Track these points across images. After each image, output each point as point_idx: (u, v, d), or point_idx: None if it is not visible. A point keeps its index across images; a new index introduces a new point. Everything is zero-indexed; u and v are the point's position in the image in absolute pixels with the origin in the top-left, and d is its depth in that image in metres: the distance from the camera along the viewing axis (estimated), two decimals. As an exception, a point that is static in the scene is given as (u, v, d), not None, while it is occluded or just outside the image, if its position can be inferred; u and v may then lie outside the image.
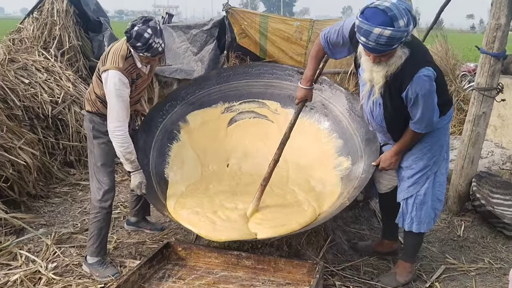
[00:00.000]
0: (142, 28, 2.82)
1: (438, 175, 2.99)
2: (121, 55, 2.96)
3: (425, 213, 3.01)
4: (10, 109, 4.68)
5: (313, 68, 3.17)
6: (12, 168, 4.14)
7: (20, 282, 3.11)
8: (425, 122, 2.74)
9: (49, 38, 6.35)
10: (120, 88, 2.94)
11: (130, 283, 2.88)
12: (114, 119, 2.97)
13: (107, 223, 3.30)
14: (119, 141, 3.00)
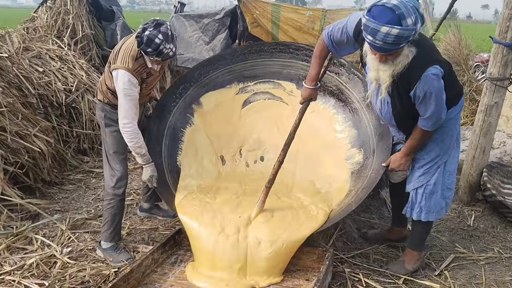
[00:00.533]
0: (153, 34, 2.84)
1: (448, 164, 2.98)
2: (132, 56, 2.99)
3: (434, 202, 3.02)
4: (25, 97, 4.75)
5: (317, 67, 3.13)
6: (27, 155, 4.23)
7: (36, 266, 3.19)
8: (433, 120, 2.73)
9: (62, 27, 6.42)
10: (129, 88, 2.99)
11: (144, 267, 2.95)
12: (123, 116, 3.04)
13: (121, 209, 3.36)
14: (129, 135, 3.08)
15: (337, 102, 3.83)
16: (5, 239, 3.48)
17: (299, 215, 3.21)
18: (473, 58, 7.64)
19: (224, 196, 3.45)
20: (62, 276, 3.08)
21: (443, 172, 2.98)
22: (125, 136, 3.08)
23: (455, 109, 2.88)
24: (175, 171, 3.68)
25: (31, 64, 5.24)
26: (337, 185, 3.54)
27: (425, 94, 2.60)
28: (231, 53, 4.17)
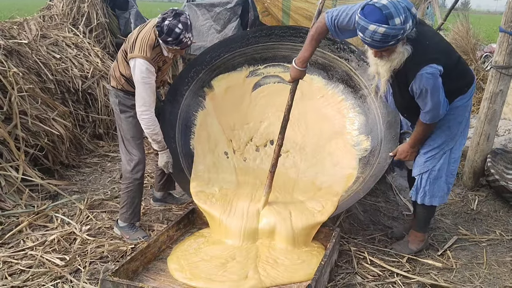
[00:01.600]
0: (173, 23, 2.94)
1: (454, 151, 3.06)
2: (149, 44, 3.06)
3: (438, 187, 3.11)
4: (44, 83, 4.93)
5: (311, 49, 3.15)
6: (46, 138, 4.40)
7: (57, 242, 3.36)
8: (431, 114, 2.83)
9: (77, 15, 6.58)
10: (147, 76, 3.07)
11: (159, 243, 3.11)
12: (141, 104, 3.12)
13: (140, 192, 3.46)
14: (146, 123, 3.17)
15: (346, 88, 3.90)
16: (27, 216, 3.65)
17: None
18: (480, 47, 7.69)
19: (240, 191, 3.60)
20: (82, 251, 3.24)
21: (449, 159, 3.06)
22: (143, 123, 3.17)
23: (463, 98, 2.93)
24: (189, 155, 3.78)
25: (49, 51, 5.41)
26: (345, 171, 3.64)
27: (421, 91, 2.73)
28: (241, 36, 4.20)
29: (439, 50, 2.76)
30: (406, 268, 3.14)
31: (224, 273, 2.87)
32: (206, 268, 2.92)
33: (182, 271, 2.89)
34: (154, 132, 3.22)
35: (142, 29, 3.18)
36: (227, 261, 2.99)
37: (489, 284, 3.00)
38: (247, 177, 3.79)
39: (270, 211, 3.28)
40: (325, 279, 2.83)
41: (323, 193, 3.50)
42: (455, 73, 2.80)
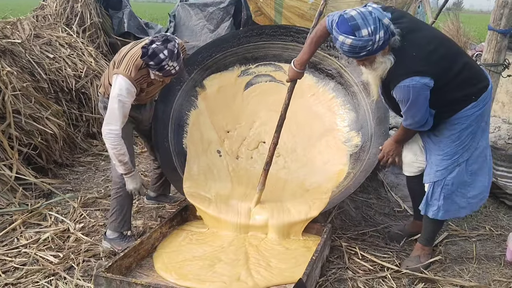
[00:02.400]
0: (160, 48, 2.83)
1: (470, 163, 2.89)
2: (136, 64, 2.96)
3: (452, 201, 2.95)
4: (37, 82, 4.94)
5: (310, 52, 3.17)
6: (40, 137, 4.42)
7: (51, 239, 3.37)
8: (409, 121, 2.78)
9: (71, 15, 6.57)
10: (125, 96, 2.95)
11: (153, 240, 3.14)
12: (109, 122, 2.96)
13: (130, 199, 3.30)
14: (112, 142, 2.98)
15: (336, 85, 3.95)
16: (21, 215, 3.67)
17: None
18: (472, 46, 7.76)
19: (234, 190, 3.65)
20: (75, 249, 3.26)
21: (465, 171, 2.89)
22: (108, 142, 2.99)
23: (475, 106, 2.75)
24: (181, 154, 3.81)
25: (42, 50, 5.42)
26: (336, 168, 3.69)
27: (401, 101, 2.70)
28: (233, 36, 4.24)
29: (429, 61, 2.62)
30: (396, 262, 3.17)
31: (214, 274, 2.85)
32: (192, 268, 2.91)
33: (167, 271, 2.89)
34: (120, 152, 3.01)
35: (134, 47, 3.08)
36: (214, 262, 2.97)
37: (478, 278, 3.05)
38: (241, 176, 3.83)
39: (261, 208, 3.34)
40: (317, 274, 2.87)
41: (311, 193, 3.53)
42: (458, 82, 2.69)
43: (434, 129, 2.88)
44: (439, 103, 2.71)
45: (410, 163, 3.18)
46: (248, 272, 2.88)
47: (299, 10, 6.69)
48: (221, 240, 3.26)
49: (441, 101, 2.70)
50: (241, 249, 3.13)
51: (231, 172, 3.83)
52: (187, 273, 2.86)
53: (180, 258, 3.04)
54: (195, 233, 3.38)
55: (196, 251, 3.13)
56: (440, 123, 2.84)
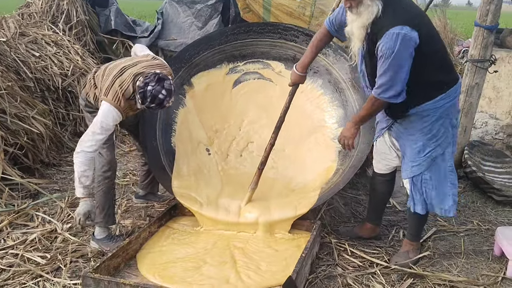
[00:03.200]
0: (157, 90, 2.85)
1: (446, 158, 2.89)
2: (125, 95, 2.97)
3: (433, 195, 2.94)
4: (23, 81, 4.88)
5: (312, 56, 3.17)
6: (26, 137, 4.36)
7: (38, 240, 3.33)
8: (384, 88, 2.64)
9: (57, 13, 6.51)
10: (111, 123, 2.96)
11: (141, 239, 3.13)
12: (87, 140, 2.93)
13: (111, 193, 3.29)
14: (81, 162, 2.93)
15: (325, 82, 3.95)
16: (7, 216, 3.62)
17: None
18: (459, 42, 7.82)
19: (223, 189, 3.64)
20: (63, 249, 3.22)
21: (441, 166, 2.89)
22: (78, 160, 2.93)
23: (445, 98, 2.77)
24: (170, 153, 3.78)
25: (28, 49, 5.35)
26: (325, 165, 3.69)
27: (384, 54, 2.56)
28: (220, 34, 4.23)
29: (419, 19, 2.60)
30: (385, 258, 3.18)
31: (201, 276, 2.81)
32: (176, 270, 2.87)
33: (149, 272, 2.85)
34: (85, 174, 2.94)
35: (123, 72, 3.01)
36: (199, 265, 2.93)
37: (466, 272, 3.06)
38: (230, 175, 3.82)
39: (251, 206, 3.35)
40: (306, 271, 2.87)
41: (298, 192, 3.53)
42: (436, 62, 2.71)
43: (406, 123, 2.88)
44: (416, 80, 2.66)
45: (380, 160, 3.20)
46: (237, 275, 2.83)
47: (287, 8, 6.70)
48: (204, 241, 3.22)
49: (419, 78, 2.66)
50: (226, 252, 3.09)
51: (220, 172, 3.81)
52: (172, 275, 2.82)
53: (164, 259, 2.99)
54: (177, 231, 3.35)
55: (178, 252, 3.08)
56: (411, 116, 2.84)
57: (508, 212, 3.94)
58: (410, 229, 3.20)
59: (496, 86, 5.10)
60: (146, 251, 3.09)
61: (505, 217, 3.87)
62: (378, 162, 3.23)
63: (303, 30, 4.09)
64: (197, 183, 3.60)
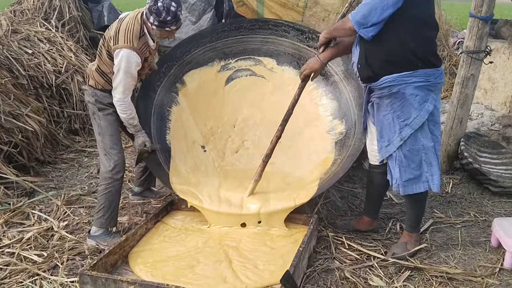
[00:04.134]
0: (168, 2, 2.93)
1: (419, 138, 2.88)
2: (135, 34, 3.02)
3: (408, 175, 2.94)
4: (16, 78, 4.85)
5: (336, 53, 3.18)
6: (20, 135, 4.34)
7: (35, 239, 3.32)
8: (358, 10, 2.73)
9: (49, 9, 6.47)
10: (132, 67, 3.03)
11: (138, 236, 3.11)
12: (121, 91, 3.07)
13: (118, 195, 3.30)
14: (123, 108, 3.14)
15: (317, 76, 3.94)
16: (3, 214, 3.61)
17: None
18: (454, 34, 7.80)
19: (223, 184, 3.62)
20: (60, 247, 3.21)
21: (413, 145, 2.89)
22: (120, 109, 3.14)
23: (414, 76, 2.77)
24: (165, 150, 3.76)
25: (20, 46, 5.32)
26: (322, 156, 3.69)
27: None
28: (211, 31, 4.24)
29: None
30: (383, 251, 3.19)
31: (196, 275, 2.78)
32: (169, 269, 2.83)
33: (141, 271, 2.82)
34: (130, 117, 3.20)
35: (122, 21, 3.10)
36: (193, 264, 2.89)
37: (464, 264, 3.07)
38: (227, 171, 3.80)
39: (253, 198, 3.35)
40: (304, 265, 2.87)
41: (295, 185, 3.51)
42: (425, 32, 2.76)
43: (380, 102, 2.91)
44: (391, 47, 2.74)
45: (370, 151, 3.21)
46: (234, 274, 2.79)
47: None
48: (195, 240, 3.18)
49: (395, 43, 2.73)
50: (219, 251, 3.04)
51: (217, 168, 3.80)
52: (165, 273, 2.79)
53: (155, 258, 2.96)
54: (170, 228, 3.33)
55: (169, 250, 3.05)
56: (383, 90, 2.85)
57: (505, 203, 3.95)
58: (408, 220, 3.20)
59: (492, 77, 5.09)
60: (138, 249, 3.06)
61: (501, 208, 3.88)
62: (369, 153, 3.24)
63: (293, 25, 4.09)
64: (196, 180, 3.58)
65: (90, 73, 3.28)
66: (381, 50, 2.80)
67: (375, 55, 2.84)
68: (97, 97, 3.21)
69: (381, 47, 2.79)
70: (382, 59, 2.81)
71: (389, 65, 2.81)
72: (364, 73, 2.93)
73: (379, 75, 2.84)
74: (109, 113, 3.24)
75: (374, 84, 2.89)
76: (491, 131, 4.84)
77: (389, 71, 2.81)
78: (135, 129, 3.32)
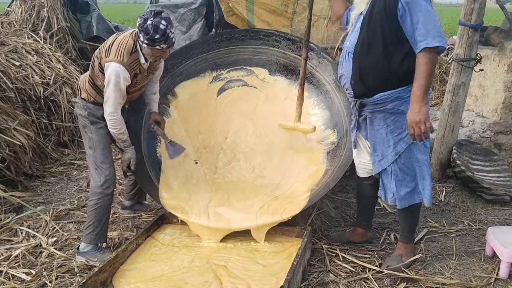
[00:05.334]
0: (157, 21, 2.91)
1: (413, 151, 2.85)
2: (127, 50, 3.01)
3: (404, 188, 2.91)
4: (3, 91, 4.77)
5: None
6: (8, 149, 4.26)
7: (23, 256, 3.25)
8: (432, 32, 2.47)
9: (37, 21, 6.40)
10: (120, 81, 3.01)
11: (129, 252, 3.05)
12: (111, 105, 3.06)
13: (108, 210, 3.26)
14: (113, 123, 3.12)
15: (309, 86, 3.93)
16: (-10, 231, 3.54)
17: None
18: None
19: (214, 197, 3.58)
20: (48, 265, 3.14)
21: (408, 158, 2.86)
22: (110, 123, 3.12)
23: (410, 91, 2.65)
24: (156, 163, 3.71)
25: (8, 58, 5.24)
26: (313, 168, 3.65)
27: (414, 7, 2.50)
28: (202, 42, 4.23)
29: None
30: (377, 262, 3.15)
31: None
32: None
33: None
34: (120, 132, 3.17)
35: (118, 37, 3.11)
36: (180, 285, 2.78)
37: (459, 274, 3.04)
38: (219, 184, 3.75)
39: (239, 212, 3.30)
40: (298, 279, 2.82)
41: (285, 198, 3.47)
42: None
43: (373, 116, 2.87)
44: (391, 63, 2.66)
45: (358, 164, 3.18)
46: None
47: (270, 6, 6.62)
48: (181, 258, 3.09)
49: (395, 58, 2.66)
50: (208, 271, 2.92)
51: (209, 181, 3.75)
52: None
53: (139, 277, 2.86)
54: (157, 244, 3.25)
55: (155, 270, 2.95)
56: (377, 106, 2.80)
57: (498, 211, 3.94)
58: (402, 231, 3.15)
59: (482, 84, 5.10)
60: (123, 267, 2.96)
61: (495, 216, 3.86)
62: (357, 167, 3.21)
63: (285, 35, 4.09)
64: (188, 195, 3.53)
65: (82, 86, 3.24)
66: (380, 67, 2.70)
67: (371, 72, 2.74)
68: (89, 110, 3.18)
69: (382, 64, 2.69)
70: (379, 76, 2.73)
71: (385, 82, 2.73)
72: (358, 89, 2.84)
73: (373, 92, 2.78)
74: (101, 127, 3.20)
75: (367, 99, 2.84)
76: (482, 138, 4.84)
77: (385, 88, 2.75)
78: (124, 144, 3.28)
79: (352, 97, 2.95)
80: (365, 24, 2.73)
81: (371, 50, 2.71)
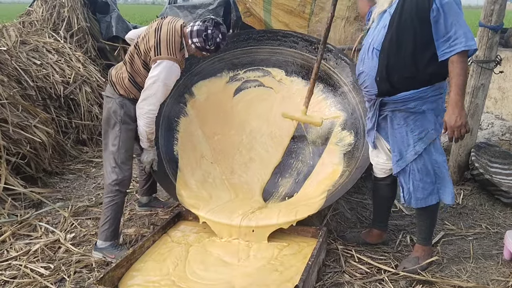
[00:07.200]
0: (216, 33, 3.07)
1: (432, 152, 2.85)
2: (177, 47, 3.06)
3: (421, 189, 2.90)
4: (24, 90, 4.86)
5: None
6: (28, 146, 4.33)
7: (41, 251, 3.30)
8: (466, 35, 2.47)
9: (58, 20, 6.51)
10: (171, 78, 3.06)
11: (145, 248, 3.08)
12: (152, 103, 3.05)
13: (123, 206, 3.35)
14: (148, 122, 3.11)
15: (326, 87, 3.93)
16: (10, 226, 3.60)
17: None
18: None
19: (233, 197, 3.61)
20: (66, 260, 3.19)
21: (427, 159, 2.85)
22: (145, 122, 3.10)
23: (432, 90, 2.73)
24: (173, 161, 3.74)
25: (29, 57, 5.34)
26: (329, 169, 3.64)
27: (446, 9, 2.49)
28: None
29: None
30: (393, 264, 3.13)
31: None
32: None
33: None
34: (152, 132, 3.21)
35: (160, 31, 3.06)
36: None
37: (476, 278, 3.01)
38: (235, 184, 3.77)
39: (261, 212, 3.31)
40: (313, 279, 2.83)
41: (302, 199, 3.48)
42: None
43: (393, 116, 2.86)
44: (416, 62, 2.66)
45: (375, 164, 3.16)
46: None
47: (287, 6, 6.63)
48: (190, 264, 3.00)
49: (420, 59, 2.66)
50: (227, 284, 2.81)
51: (225, 181, 3.76)
52: None
53: (145, 278, 2.85)
54: (164, 242, 3.26)
55: (158, 270, 2.93)
56: (398, 104, 2.80)
57: (517, 215, 3.90)
58: (420, 233, 3.12)
59: (502, 86, 5.04)
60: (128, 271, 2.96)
61: (513, 219, 3.82)
62: (375, 167, 3.19)
63: (302, 36, 4.07)
64: (207, 194, 3.55)
65: (119, 82, 3.18)
66: (408, 66, 2.70)
67: (398, 70, 2.73)
68: (126, 108, 3.16)
69: (410, 63, 2.69)
70: (406, 75, 2.72)
71: (410, 82, 2.73)
72: (382, 87, 2.82)
73: (398, 90, 2.78)
74: (130, 128, 3.20)
75: (388, 98, 2.84)
76: (502, 141, 4.79)
77: (408, 87, 2.75)
78: (149, 144, 3.28)
79: (372, 95, 2.93)
80: (394, 22, 2.70)
81: (400, 49, 2.69)
